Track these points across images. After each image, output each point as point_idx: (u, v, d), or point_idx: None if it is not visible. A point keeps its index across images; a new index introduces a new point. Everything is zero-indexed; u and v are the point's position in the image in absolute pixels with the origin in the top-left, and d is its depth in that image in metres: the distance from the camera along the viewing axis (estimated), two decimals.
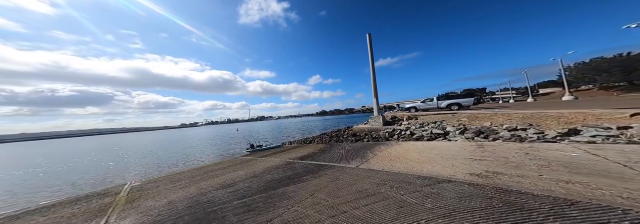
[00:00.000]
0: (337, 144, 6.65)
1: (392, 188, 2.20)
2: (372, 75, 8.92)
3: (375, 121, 8.26)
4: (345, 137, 8.03)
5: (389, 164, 3.28)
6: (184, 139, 23.82)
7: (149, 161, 9.60)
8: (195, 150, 12.70)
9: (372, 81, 8.94)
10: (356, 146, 5.64)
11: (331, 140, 8.35)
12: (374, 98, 8.71)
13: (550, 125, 4.76)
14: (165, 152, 12.49)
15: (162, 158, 10.21)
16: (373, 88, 8.88)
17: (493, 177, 2.11)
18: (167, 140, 24.62)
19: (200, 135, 31.06)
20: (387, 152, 4.22)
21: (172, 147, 15.50)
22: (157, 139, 28.02)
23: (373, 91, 8.86)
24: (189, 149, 13.40)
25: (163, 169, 7.73)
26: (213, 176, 4.27)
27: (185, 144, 17.95)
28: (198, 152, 11.36)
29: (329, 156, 4.78)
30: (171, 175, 4.83)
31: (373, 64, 9.08)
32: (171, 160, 9.57)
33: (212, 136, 25.86)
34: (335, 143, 7.27)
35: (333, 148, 5.92)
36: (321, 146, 6.98)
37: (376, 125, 8.19)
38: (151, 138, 32.99)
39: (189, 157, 9.87)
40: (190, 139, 23.35)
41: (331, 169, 3.55)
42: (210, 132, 36.60)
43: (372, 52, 9.20)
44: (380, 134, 7.04)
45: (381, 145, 5.16)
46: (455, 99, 9.71)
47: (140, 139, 31.54)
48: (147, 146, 18.89)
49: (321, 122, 37.83)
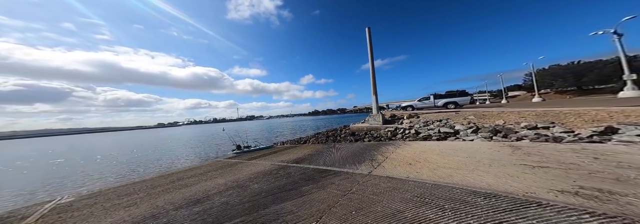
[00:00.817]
0: (336, 145, 5.90)
1: (446, 211, 1.45)
2: (372, 71, 8.32)
3: (375, 119, 7.64)
4: (343, 137, 7.31)
5: (411, 170, 2.58)
6: (158, 140, 21.71)
7: (103, 168, 8.07)
8: (168, 152, 11.18)
9: (371, 77, 8.33)
10: (359, 147, 4.92)
11: (328, 140, 7.58)
12: (373, 95, 8.10)
13: (575, 123, 4.39)
14: (127, 156, 10.79)
15: (121, 164, 8.69)
16: (372, 85, 8.28)
17: (610, 199, 1.42)
18: (137, 141, 22.28)
19: (180, 135, 28.75)
20: (398, 154, 3.53)
21: (140, 150, 13.72)
22: (125, 141, 25.36)
23: (372, 88, 8.25)
24: (160, 152, 11.78)
25: (119, 177, 6.39)
26: (181, 186, 3.30)
27: (157, 145, 16.10)
28: (171, 155, 9.93)
29: (330, 158, 4.00)
30: (123, 186, 3.74)
31: (372, 60, 8.49)
32: (132, 166, 8.12)
33: (192, 136, 23.86)
34: (333, 143, 6.51)
35: (332, 149, 5.15)
36: (318, 146, 6.18)
37: (375, 124, 7.57)
38: (118, 139, 29.93)
39: (158, 161, 8.47)
40: (166, 140, 21.32)
41: (337, 176, 2.76)
42: (191, 133, 34.08)
43: (371, 47, 8.61)
44: (381, 133, 6.41)
45: (387, 145, 4.48)
46: (452, 98, 9.58)
47: (103, 141, 28.43)
48: (109, 149, 16.69)
49: (314, 122, 37.00)
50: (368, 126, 7.57)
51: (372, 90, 8.29)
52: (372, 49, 8.46)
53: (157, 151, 12.80)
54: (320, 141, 7.83)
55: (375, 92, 8.18)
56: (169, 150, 12.65)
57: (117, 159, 10.04)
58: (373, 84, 8.25)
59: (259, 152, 7.01)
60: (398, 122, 7.38)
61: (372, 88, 8.26)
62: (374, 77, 8.23)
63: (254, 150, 7.92)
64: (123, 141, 25.86)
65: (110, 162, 9.39)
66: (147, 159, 9.07)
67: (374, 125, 7.47)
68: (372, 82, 8.29)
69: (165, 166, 7.49)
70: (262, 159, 5.25)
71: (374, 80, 8.25)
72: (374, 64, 8.36)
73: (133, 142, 21.96)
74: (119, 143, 22.63)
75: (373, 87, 8.25)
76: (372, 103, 8.23)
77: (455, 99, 9.43)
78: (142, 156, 10.75)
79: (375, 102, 8.17)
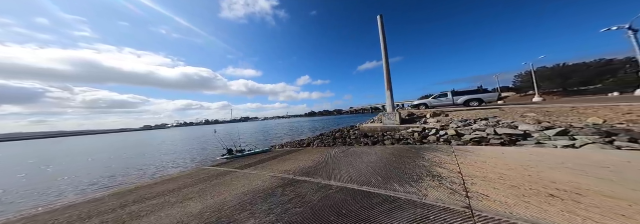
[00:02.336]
0: (350, 148, 4.82)
1: None
2: (385, 64, 7.33)
3: (390, 118, 6.62)
4: (354, 139, 6.23)
5: (555, 210, 1.46)
6: (140, 144, 19.91)
7: (48, 181, 6.54)
8: (144, 158, 9.69)
9: (384, 70, 7.34)
10: (386, 152, 3.90)
11: (336, 142, 6.47)
12: (388, 91, 7.10)
13: None
14: (97, 162, 9.22)
15: (76, 175, 7.18)
16: (386, 79, 7.28)
17: None
18: (116, 145, 20.38)
19: (166, 138, 26.85)
20: (472, 166, 2.49)
21: (115, 154, 12.11)
22: (102, 145, 23.32)
23: (386, 83, 7.25)
24: (135, 158, 10.26)
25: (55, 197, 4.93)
26: (130, 216, 2.09)
27: (137, 149, 14.45)
28: (147, 162, 8.49)
29: (355, 169, 2.93)
30: (38, 215, 2.47)
31: (386, 51, 7.51)
32: (91, 177, 6.66)
33: (179, 139, 22.12)
34: (345, 146, 5.43)
35: (349, 154, 4.08)
36: (326, 150, 5.09)
37: (391, 123, 6.55)
38: (95, 143, 27.69)
39: (126, 170, 7.04)
40: (149, 143, 19.56)
41: (395, 208, 1.65)
42: (180, 135, 32.06)
43: (384, 37, 7.64)
44: (403, 134, 5.38)
45: (431, 151, 3.47)
46: (474, 95, 8.59)
47: (77, 145, 26.17)
48: (80, 153, 14.89)
49: (311, 123, 35.82)
50: (382, 126, 6.54)
51: (386, 85, 7.28)
52: (385, 39, 7.48)
53: (132, 156, 11.23)
54: (327, 143, 6.71)
55: (389, 87, 7.18)
56: (147, 155, 11.12)
57: (74, 169, 8.47)
58: (387, 78, 7.24)
59: (254, 157, 5.81)
60: (420, 122, 6.37)
61: (386, 83, 7.26)
62: (388, 71, 7.23)
63: (248, 154, 6.69)
64: (99, 144, 23.72)
65: (65, 171, 7.84)
66: (116, 167, 7.59)
67: (389, 125, 6.44)
68: (385, 76, 7.28)
69: (134, 176, 6.09)
70: (259, 168, 4.08)
71: (388, 74, 7.25)
72: (387, 56, 7.37)
73: (111, 146, 20.02)
74: (93, 147, 20.60)
75: (387, 82, 7.25)
76: (387, 100, 7.21)
77: (479, 95, 8.43)
78: (110, 163, 9.22)
79: (390, 99, 7.15)
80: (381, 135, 5.79)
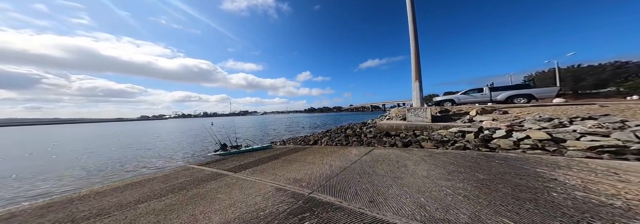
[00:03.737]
0: (372, 150, 3.88)
1: None
2: (414, 49, 6.06)
3: (419, 115, 5.50)
4: (373, 138, 5.14)
5: None
6: (133, 134, 18.86)
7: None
8: (128, 151, 8.62)
9: (413, 58, 6.12)
10: (447, 161, 2.91)
11: (349, 141, 5.39)
12: (416, 82, 5.92)
13: None
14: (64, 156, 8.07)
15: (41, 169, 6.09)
16: (414, 67, 6.08)
17: None
18: (107, 135, 19.31)
19: (161, 129, 25.81)
20: None
21: (99, 146, 11.05)
22: (92, 134, 22.29)
23: (414, 72, 6.07)
24: (119, 150, 9.18)
25: None
26: None
27: (126, 140, 13.37)
28: (129, 155, 7.41)
29: (418, 191, 1.95)
30: None
31: (415, 34, 6.24)
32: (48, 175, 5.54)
33: (174, 131, 21.06)
34: (363, 147, 4.40)
35: (381, 160, 3.16)
36: (340, 151, 4.10)
37: (420, 121, 5.43)
38: (86, 132, 26.66)
39: (99, 166, 5.93)
40: (142, 134, 18.52)
41: None
42: (175, 126, 30.99)
43: (414, 16, 6.35)
44: (445, 135, 4.26)
45: (539, 165, 2.42)
46: (522, 90, 6.78)
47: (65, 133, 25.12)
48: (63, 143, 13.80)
49: (311, 119, 34.78)
50: (407, 123, 5.43)
51: (413, 75, 6.10)
52: (415, 19, 6.21)
53: (115, 149, 10.16)
54: (339, 141, 5.63)
55: (418, 77, 5.99)
56: (133, 147, 10.04)
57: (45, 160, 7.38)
58: (416, 66, 6.03)
59: (251, 156, 4.76)
60: (463, 120, 5.22)
61: (414, 72, 6.06)
62: (417, 59, 6.01)
63: (244, 151, 5.65)
64: (91, 134, 22.69)
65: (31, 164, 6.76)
66: (87, 163, 6.48)
67: (417, 123, 5.32)
68: (414, 64, 6.07)
69: (99, 176, 4.99)
70: (258, 172, 3.02)
71: (418, 62, 6.03)
72: (417, 40, 6.12)
73: (100, 137, 18.99)
74: (82, 136, 19.56)
75: (415, 71, 6.06)
76: (414, 92, 6.04)
77: (529, 91, 6.65)
78: (91, 155, 8.16)
79: (419, 91, 5.98)
80: (412, 135, 4.67)
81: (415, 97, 6.11)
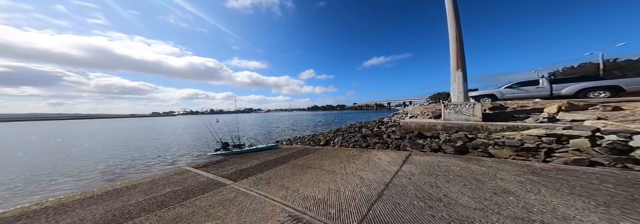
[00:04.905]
0: (411, 157, 3.19)
1: None
2: (455, 31, 4.90)
3: (462, 112, 4.58)
4: (401, 139, 4.34)
5: None
6: (141, 130, 18.79)
7: None
8: (130, 148, 8.25)
9: (453, 41, 5.03)
10: (585, 186, 2.04)
11: (369, 142, 4.62)
12: (458, 71, 4.84)
13: None
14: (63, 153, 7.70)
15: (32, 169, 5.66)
16: (454, 53, 5.01)
17: None
18: (116, 130, 19.36)
19: (169, 125, 25.97)
20: None
21: (102, 142, 10.78)
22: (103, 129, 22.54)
23: (454, 59, 4.99)
24: (121, 147, 8.85)
25: None
26: None
27: (131, 135, 13.12)
28: (128, 154, 6.96)
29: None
30: None
31: (455, 10, 4.99)
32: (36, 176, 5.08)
33: (182, 127, 21.04)
34: (394, 152, 3.62)
35: (444, 174, 2.53)
36: (364, 155, 3.43)
37: (465, 120, 4.52)
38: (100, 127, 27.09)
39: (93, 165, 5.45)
40: (149, 130, 18.43)
41: None
42: (183, 123, 31.16)
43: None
44: (521, 140, 3.19)
45: None
46: (601, 82, 5.20)
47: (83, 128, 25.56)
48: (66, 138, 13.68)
49: (315, 117, 34.14)
50: (445, 122, 4.54)
51: (454, 63, 5.02)
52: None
53: (122, 144, 9.86)
54: (356, 142, 4.89)
55: (461, 65, 4.90)
56: (136, 144, 9.67)
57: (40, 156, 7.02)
58: (457, 53, 4.93)
59: (255, 157, 4.16)
60: (536, 120, 4.09)
61: (454, 60, 4.99)
62: (459, 43, 4.89)
63: (247, 151, 5.02)
64: (103, 129, 22.94)
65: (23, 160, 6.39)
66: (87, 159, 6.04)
67: (460, 122, 4.41)
68: (455, 50, 4.97)
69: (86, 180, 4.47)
70: (263, 183, 2.42)
71: (460, 46, 4.90)
72: (458, 19, 4.94)
73: (109, 131, 19.07)
74: (94, 131, 19.69)
75: (456, 58, 4.98)
76: (454, 84, 4.99)
77: (616, 81, 5.02)
78: (91, 152, 7.79)
79: (462, 83, 4.90)
80: (465, 138, 3.63)
81: (455, 91, 5.07)
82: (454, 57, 5.05)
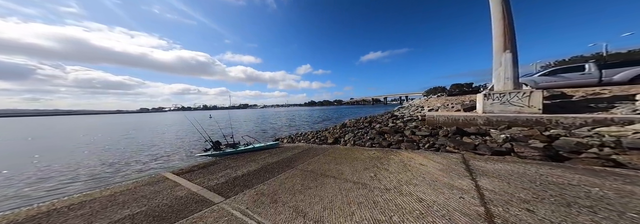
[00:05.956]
0: (471, 163, 2.40)
1: None
2: (501, 5, 3.88)
3: (512, 102, 3.79)
4: (432, 136, 3.59)
5: None
6: (126, 127, 17.58)
7: None
8: (109, 149, 7.18)
9: (498, 17, 4.09)
10: None
11: (389, 140, 3.89)
12: (506, 52, 3.86)
13: None
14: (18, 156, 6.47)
15: None
16: (501, 31, 4.08)
17: None
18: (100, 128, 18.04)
19: (157, 122, 24.70)
20: None
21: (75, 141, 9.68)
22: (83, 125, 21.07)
23: (502, 38, 4.02)
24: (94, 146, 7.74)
25: None
26: None
27: (115, 134, 11.98)
28: (103, 156, 5.95)
29: None
30: None
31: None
32: None
33: (171, 124, 19.74)
34: (426, 151, 2.90)
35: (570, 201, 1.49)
36: (390, 156, 2.82)
37: (515, 112, 3.73)
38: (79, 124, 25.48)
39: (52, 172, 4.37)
40: (136, 127, 17.25)
41: None
42: (172, 119, 29.69)
43: None
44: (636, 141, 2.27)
45: None
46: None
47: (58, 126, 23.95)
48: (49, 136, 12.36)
49: (313, 113, 33.36)
50: (488, 115, 3.74)
51: (500, 43, 4.08)
52: None
53: (96, 143, 8.83)
54: (372, 140, 4.17)
55: (510, 45, 3.93)
56: (117, 144, 8.67)
57: None
58: (505, 30, 3.99)
59: (253, 160, 3.49)
60: (630, 109, 3.27)
61: (500, 39, 4.06)
62: (508, 19, 3.93)
63: (243, 151, 4.27)
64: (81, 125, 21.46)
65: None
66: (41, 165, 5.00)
67: (509, 114, 3.59)
68: (501, 26, 4.01)
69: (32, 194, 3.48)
70: (267, 204, 1.67)
71: (509, 22, 3.94)
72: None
73: (89, 128, 17.76)
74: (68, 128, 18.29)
75: (504, 37, 4.02)
76: (500, 69, 4.04)
77: None
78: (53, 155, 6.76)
79: (512, 67, 4.05)
80: (541, 136, 2.83)
81: (501, 77, 4.19)
82: (501, 36, 4.18)
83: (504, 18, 4.18)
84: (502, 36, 4.16)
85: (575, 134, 2.86)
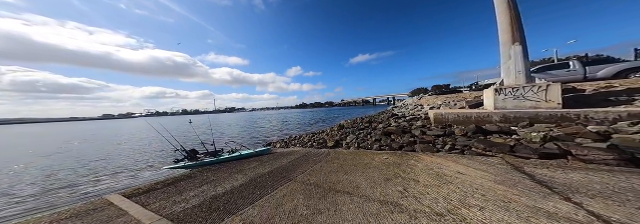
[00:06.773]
0: (541, 171, 1.92)
1: None
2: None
3: (527, 97, 3.50)
4: (447, 136, 3.18)
5: None
6: (75, 134, 15.46)
7: None
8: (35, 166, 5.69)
9: (504, 8, 3.88)
10: None
11: (398, 142, 3.43)
12: (516, 44, 3.63)
13: None
14: None
15: None
16: (508, 22, 3.83)
17: None
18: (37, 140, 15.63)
19: (121, 129, 22.06)
20: None
21: None
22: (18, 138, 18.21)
23: (509, 30, 3.77)
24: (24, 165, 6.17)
25: None
26: None
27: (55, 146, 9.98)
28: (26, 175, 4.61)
29: None
30: None
31: None
32: None
33: (137, 131, 17.26)
34: (448, 154, 2.51)
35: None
36: (409, 162, 2.41)
37: (532, 107, 3.49)
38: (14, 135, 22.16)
39: None
40: (88, 136, 15.18)
41: None
42: (141, 126, 26.17)
43: None
44: None
45: None
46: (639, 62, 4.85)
47: None
48: None
49: (304, 115, 32.65)
50: (503, 111, 3.38)
51: (507, 35, 3.91)
52: None
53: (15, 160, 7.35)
54: (378, 142, 3.67)
55: (519, 37, 3.81)
56: (48, 159, 7.28)
57: None
58: (512, 21, 3.74)
59: (239, 170, 2.86)
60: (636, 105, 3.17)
61: (508, 31, 3.80)
62: (514, 9, 3.74)
63: (227, 160, 3.53)
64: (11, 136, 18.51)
65: None
66: None
67: (527, 110, 3.29)
68: (508, 18, 3.75)
69: None
70: None
71: (516, 13, 3.75)
72: None
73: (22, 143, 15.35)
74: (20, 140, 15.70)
75: (512, 29, 3.82)
76: (509, 62, 3.89)
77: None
78: None
79: (522, 59, 3.79)
80: (592, 134, 2.43)
81: (512, 71, 3.91)
82: (508, 28, 3.99)
83: (510, 9, 4.02)
84: (509, 28, 3.96)
85: (620, 130, 2.49)
